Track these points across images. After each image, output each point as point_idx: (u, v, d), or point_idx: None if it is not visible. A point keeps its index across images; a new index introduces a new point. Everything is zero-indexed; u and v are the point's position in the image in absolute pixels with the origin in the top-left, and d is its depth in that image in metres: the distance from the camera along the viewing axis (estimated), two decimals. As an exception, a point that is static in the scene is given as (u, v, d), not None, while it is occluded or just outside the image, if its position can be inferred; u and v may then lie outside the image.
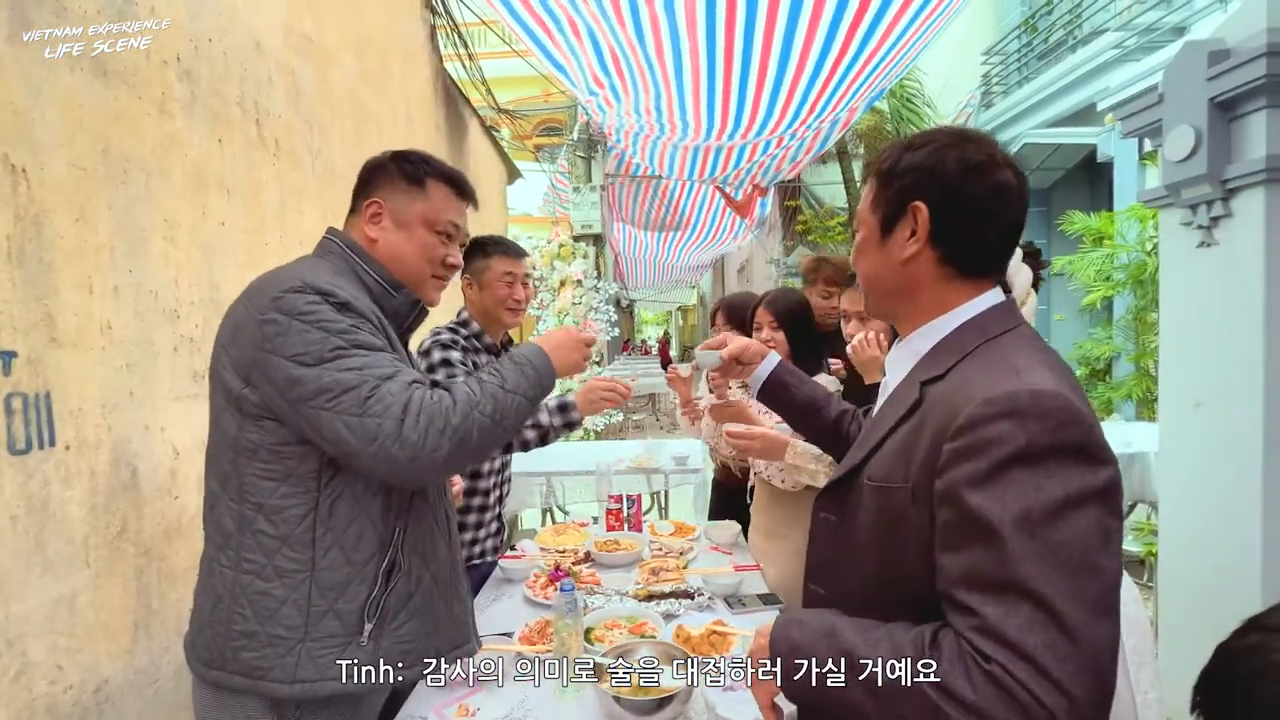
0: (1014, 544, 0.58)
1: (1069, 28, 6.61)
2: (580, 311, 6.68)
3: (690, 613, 1.57)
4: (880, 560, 0.74)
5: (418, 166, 1.10)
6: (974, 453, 0.62)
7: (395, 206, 1.07)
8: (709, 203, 7.52)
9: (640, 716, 1.13)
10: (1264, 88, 1.81)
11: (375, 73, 2.51)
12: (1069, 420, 0.61)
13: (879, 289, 0.83)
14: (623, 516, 2.23)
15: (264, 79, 1.75)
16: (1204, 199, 2.03)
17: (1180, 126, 2.03)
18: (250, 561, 0.96)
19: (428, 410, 0.93)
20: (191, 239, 1.47)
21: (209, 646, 0.98)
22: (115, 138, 1.26)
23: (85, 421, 1.18)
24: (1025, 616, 0.56)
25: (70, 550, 1.15)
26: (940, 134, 0.78)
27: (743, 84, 3.72)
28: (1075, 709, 0.54)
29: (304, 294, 0.93)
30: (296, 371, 0.91)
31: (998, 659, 0.56)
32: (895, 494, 0.71)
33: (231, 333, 0.98)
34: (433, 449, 0.92)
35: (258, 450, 0.95)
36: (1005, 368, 0.67)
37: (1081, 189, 7.13)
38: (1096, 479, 0.60)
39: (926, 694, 0.58)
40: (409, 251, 1.09)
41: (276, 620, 0.96)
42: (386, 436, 0.90)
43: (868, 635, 0.66)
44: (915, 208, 0.75)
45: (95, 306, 1.21)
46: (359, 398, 0.90)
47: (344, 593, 0.98)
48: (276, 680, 0.95)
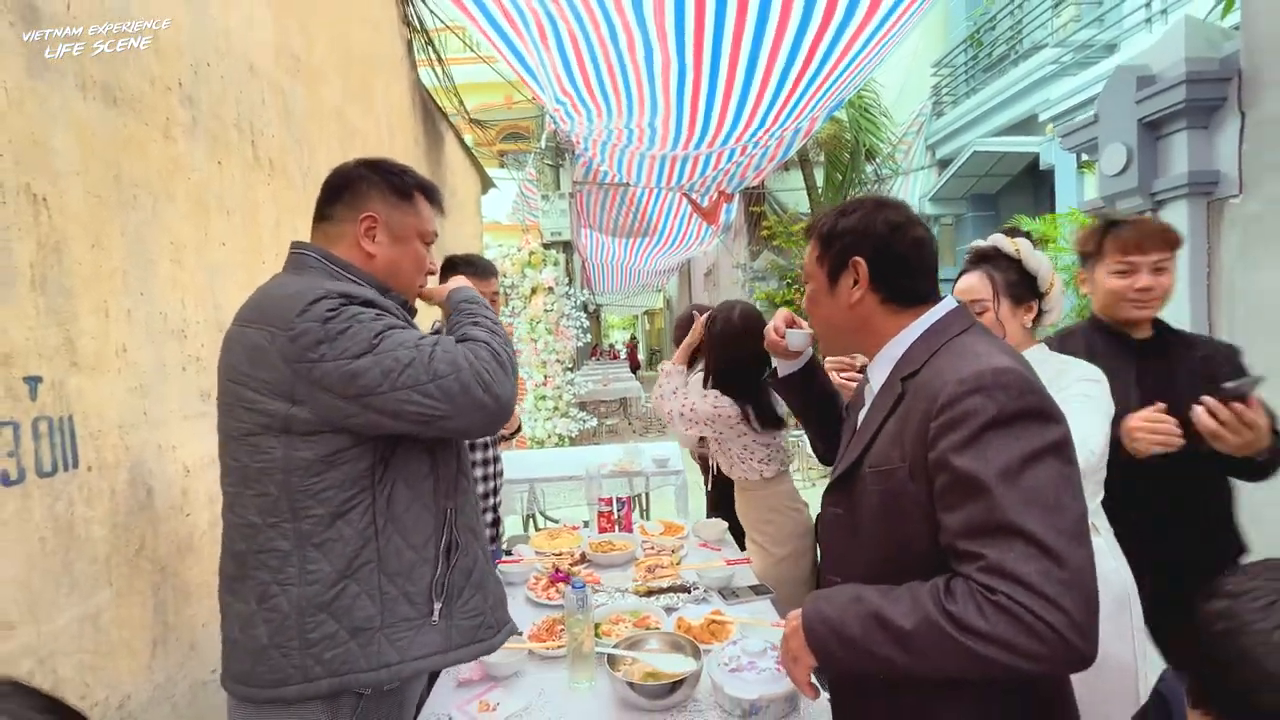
0: (999, 494, 0.70)
1: (1011, 43, 7.01)
2: (552, 318, 6.72)
3: (688, 605, 1.66)
4: (887, 536, 0.85)
5: (404, 179, 1.13)
6: (956, 424, 0.74)
7: (390, 221, 1.10)
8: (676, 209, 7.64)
9: (655, 700, 1.21)
10: (1184, 111, 2.03)
11: (359, 89, 2.54)
12: (1026, 390, 0.75)
13: (836, 330, 0.99)
14: (613, 518, 2.31)
15: (258, 100, 1.78)
16: (1136, 209, 2.24)
17: (1114, 144, 2.24)
18: (315, 571, 0.98)
19: (481, 356, 1.00)
20: (196, 260, 1.49)
21: (276, 669, 0.99)
22: (125, 164, 1.29)
23: (105, 443, 1.20)
24: (1019, 551, 0.67)
25: (94, 569, 1.17)
26: (866, 202, 0.96)
27: (710, 94, 3.84)
28: (1070, 620, 0.65)
29: (326, 300, 0.97)
30: (351, 366, 0.94)
31: (1002, 590, 0.67)
32: (894, 474, 0.83)
33: (250, 358, 0.98)
34: (503, 381, 1.00)
35: (311, 465, 0.97)
36: (969, 355, 0.81)
37: (1026, 193, 7.55)
38: (1054, 434, 0.73)
39: (948, 633, 0.68)
40: (406, 265, 1.13)
41: (353, 615, 0.99)
42: (462, 390, 0.96)
43: (889, 595, 0.76)
44: (855, 262, 0.92)
45: (111, 330, 1.23)
46: (423, 364, 0.95)
47: (410, 576, 1.02)
48: (363, 670, 0.99)
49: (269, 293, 1.04)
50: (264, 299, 1.04)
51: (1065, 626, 0.65)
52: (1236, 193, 1.98)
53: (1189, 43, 2.04)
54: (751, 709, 1.17)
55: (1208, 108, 2.02)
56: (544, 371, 6.64)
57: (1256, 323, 1.96)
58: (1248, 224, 1.96)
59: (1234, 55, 1.96)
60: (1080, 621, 0.65)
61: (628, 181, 6.11)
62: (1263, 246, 1.92)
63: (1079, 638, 0.65)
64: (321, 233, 1.12)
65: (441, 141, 3.85)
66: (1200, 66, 1.98)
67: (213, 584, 1.46)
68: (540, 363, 6.62)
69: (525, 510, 3.73)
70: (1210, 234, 2.08)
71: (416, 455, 1.07)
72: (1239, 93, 1.95)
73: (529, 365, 6.62)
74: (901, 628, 0.71)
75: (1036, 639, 0.65)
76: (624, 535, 2.20)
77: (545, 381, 6.63)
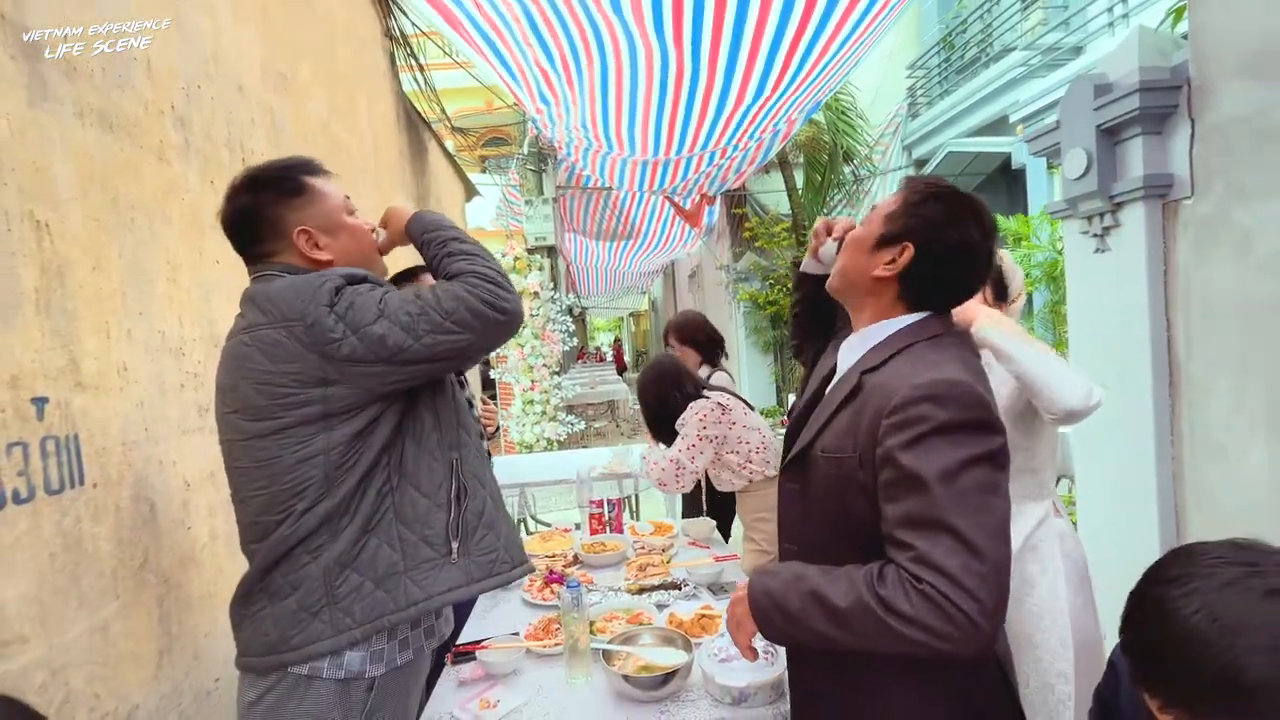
0: (936, 493, 0.78)
1: (982, 45, 7.18)
2: (538, 323, 6.76)
3: (679, 601, 1.73)
4: (834, 514, 0.93)
5: (283, 179, 1.15)
6: (906, 426, 0.82)
7: (314, 221, 1.14)
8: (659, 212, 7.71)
9: (648, 691, 1.28)
10: (1138, 117, 2.13)
11: (344, 105, 2.58)
12: (974, 404, 0.82)
13: (849, 278, 1.01)
14: (605, 520, 2.36)
15: (247, 120, 1.81)
16: (1097, 211, 2.35)
17: (1075, 149, 2.34)
18: (343, 533, 1.06)
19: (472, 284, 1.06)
20: (192, 279, 1.53)
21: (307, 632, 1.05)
22: (123, 187, 1.32)
23: (109, 460, 1.24)
24: (946, 546, 0.76)
25: (101, 583, 1.20)
26: (967, 207, 0.93)
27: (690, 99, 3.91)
28: (983, 610, 0.73)
29: (326, 284, 1.03)
30: (376, 330, 1.01)
31: (927, 579, 0.75)
32: (845, 462, 0.91)
33: (270, 356, 1.03)
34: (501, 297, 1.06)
35: (350, 442, 1.05)
36: (927, 363, 0.88)
37: (1000, 193, 7.73)
38: (990, 445, 0.81)
39: (877, 613, 0.77)
40: (353, 246, 1.18)
41: (376, 566, 1.07)
42: (476, 312, 1.03)
43: (829, 576, 0.84)
44: (905, 247, 0.93)
45: (113, 350, 1.26)
46: (434, 307, 1.03)
47: (426, 521, 1.10)
48: (392, 611, 1.07)
49: (263, 296, 1.08)
50: (261, 302, 1.07)
51: (977, 614, 0.73)
52: (1189, 195, 2.09)
53: (1142, 52, 2.14)
54: (740, 696, 1.24)
55: (1160, 114, 2.11)
56: (531, 376, 6.67)
57: (1209, 317, 2.07)
58: (1199, 225, 2.06)
59: (1184, 64, 2.06)
60: (990, 610, 0.74)
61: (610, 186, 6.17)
62: (1213, 246, 2.02)
63: (987, 624, 0.73)
64: (257, 269, 1.16)
65: (425, 151, 3.88)
66: (1152, 75, 2.08)
67: (214, 595, 1.51)
68: (527, 367, 6.65)
69: (516, 515, 3.78)
70: (1166, 235, 2.18)
71: (420, 413, 1.15)
72: (1189, 100, 2.05)
73: (515, 370, 6.65)
74: (836, 606, 0.80)
75: (951, 623, 0.73)
76: (615, 536, 2.26)
77: (532, 386, 6.66)
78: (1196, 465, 2.14)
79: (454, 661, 1.47)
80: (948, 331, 0.97)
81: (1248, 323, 1.92)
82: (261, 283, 1.13)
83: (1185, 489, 2.19)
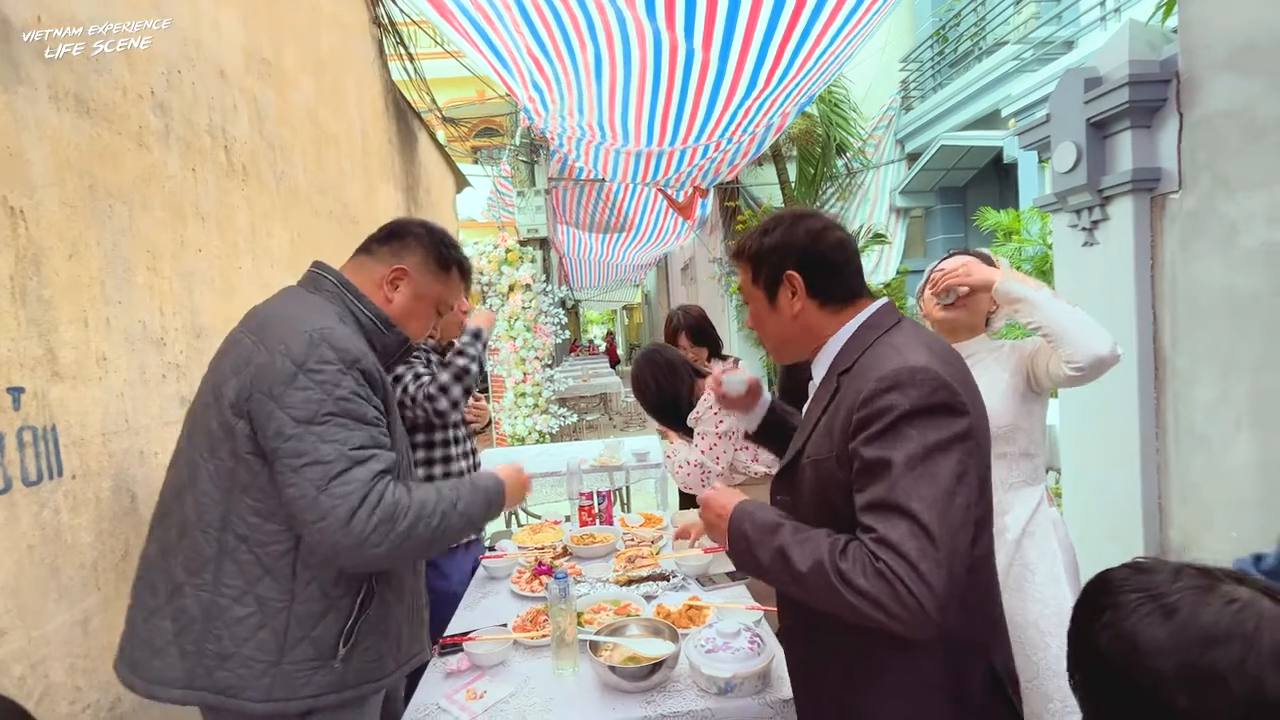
0: (900, 478, 0.80)
1: (975, 39, 7.17)
2: (530, 315, 6.73)
3: (667, 593, 1.73)
4: (820, 517, 0.93)
5: (448, 253, 1.22)
6: (875, 418, 0.84)
7: (419, 281, 1.19)
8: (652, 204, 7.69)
9: (635, 682, 1.28)
10: (1128, 111, 2.13)
11: (331, 92, 2.54)
12: (938, 386, 0.83)
13: (785, 342, 1.05)
14: (594, 512, 2.36)
15: (230, 106, 1.78)
16: (1086, 205, 2.35)
17: (1065, 143, 2.34)
18: (230, 587, 1.01)
19: (384, 508, 0.98)
20: (172, 268, 1.51)
21: (170, 668, 1.02)
22: (100, 174, 1.30)
23: (88, 451, 1.22)
24: (905, 529, 0.78)
25: (82, 575, 1.19)
26: (784, 217, 1.03)
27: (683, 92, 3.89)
28: (933, 592, 0.75)
29: (317, 347, 0.99)
30: (287, 425, 0.96)
31: (884, 559, 0.78)
32: (825, 463, 0.92)
33: (233, 365, 1.02)
34: (374, 545, 0.97)
35: (249, 487, 1.00)
36: (891, 352, 0.89)
37: (992, 186, 7.75)
38: (958, 426, 0.82)
39: (834, 584, 0.80)
40: (414, 323, 1.21)
41: (253, 644, 1.01)
42: (335, 520, 0.95)
43: (799, 537, 0.87)
44: (789, 275, 0.98)
45: (91, 340, 1.25)
46: (326, 474, 0.95)
47: (320, 622, 1.04)
48: (250, 699, 1.01)
49: (280, 306, 1.09)
50: (270, 311, 1.07)
51: (926, 598, 0.75)
52: (1176, 189, 2.09)
53: (1132, 45, 2.14)
54: (726, 686, 1.24)
55: (1149, 108, 2.12)
56: (523, 369, 6.65)
57: (1194, 311, 2.08)
58: (1186, 219, 2.07)
59: (1173, 58, 2.07)
60: (940, 596, 0.75)
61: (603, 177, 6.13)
62: (1199, 240, 2.03)
63: (935, 610, 0.75)
64: (357, 262, 1.19)
65: (415, 141, 3.84)
66: (1142, 69, 2.08)
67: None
68: (519, 360, 6.63)
69: (507, 507, 3.77)
70: (1154, 229, 2.19)
71: None
72: (1178, 94, 2.05)
73: (508, 363, 6.63)
74: (798, 570, 0.84)
75: (900, 604, 0.76)
76: (605, 528, 2.26)
77: (524, 378, 6.64)
78: (1181, 457, 2.16)
79: (441, 653, 1.47)
80: (904, 319, 0.99)
81: (1232, 316, 1.94)
82: (308, 283, 1.15)
83: (1169, 481, 2.21)
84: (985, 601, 0.93)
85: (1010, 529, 1.44)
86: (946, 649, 0.88)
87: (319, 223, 2.32)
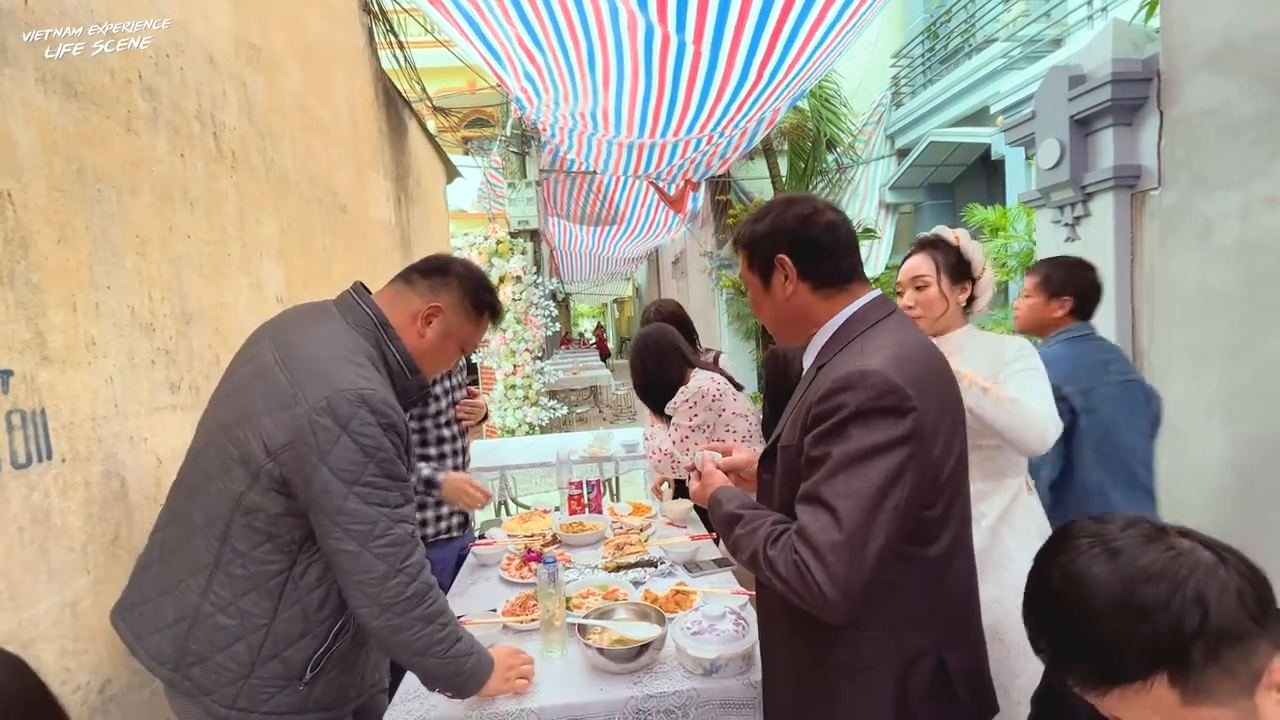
0: (832, 474, 0.85)
1: (965, 35, 7.21)
2: (520, 308, 6.72)
3: (655, 579, 1.76)
4: (788, 502, 0.96)
5: (483, 297, 1.24)
6: (826, 415, 0.88)
7: (451, 319, 1.21)
8: (643, 197, 7.68)
9: (623, 663, 1.30)
10: (1111, 109, 2.17)
11: (320, 80, 2.52)
12: (886, 390, 0.86)
13: (783, 324, 1.08)
14: (584, 501, 2.38)
15: (219, 92, 1.77)
16: (1068, 200, 2.40)
17: (1049, 140, 2.39)
18: (217, 596, 1.06)
19: (423, 581, 1.05)
20: (161, 253, 1.50)
21: (162, 649, 1.08)
22: (89, 158, 1.29)
23: (78, 435, 1.22)
24: (823, 523, 0.84)
25: (71, 558, 1.20)
26: (775, 204, 1.06)
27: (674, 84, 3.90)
28: (835, 584, 0.81)
29: (361, 408, 1.02)
30: (333, 484, 1.01)
31: (799, 551, 0.84)
32: (789, 450, 0.97)
33: (265, 398, 1.05)
34: (395, 613, 1.03)
35: (257, 512, 1.05)
36: (858, 353, 0.92)
37: (980, 182, 7.82)
38: (902, 429, 0.85)
39: (764, 569, 0.90)
40: (438, 361, 1.23)
41: (228, 654, 1.06)
42: (373, 578, 1.01)
43: (748, 528, 0.95)
44: (780, 259, 1.01)
45: (80, 324, 1.24)
46: (370, 534, 1.02)
47: (295, 644, 1.09)
48: (217, 703, 1.06)
49: (311, 342, 1.10)
50: (306, 348, 1.09)
51: (829, 588, 0.82)
52: (1156, 186, 2.14)
53: (1115, 44, 2.18)
54: (712, 667, 1.27)
55: (1131, 106, 2.17)
56: (513, 361, 6.64)
57: (1171, 305, 2.13)
58: (1165, 215, 2.12)
59: (1155, 57, 2.11)
60: (842, 587, 0.82)
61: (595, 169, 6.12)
62: (1177, 235, 2.08)
63: (839, 599, 0.82)
64: (395, 291, 1.21)
65: (405, 130, 3.82)
66: (1124, 68, 2.13)
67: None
68: (509, 352, 6.63)
69: (498, 497, 3.78)
70: (1134, 224, 2.24)
71: None
72: (1158, 93, 2.10)
73: (497, 355, 6.62)
74: (744, 559, 0.95)
75: (809, 591, 0.83)
76: (594, 516, 2.28)
77: (514, 371, 6.64)
78: (1155, 448, 2.22)
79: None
80: (893, 312, 1.01)
81: (1205, 310, 1.99)
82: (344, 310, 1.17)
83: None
84: (939, 598, 0.94)
85: (987, 515, 1.48)
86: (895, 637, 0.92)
87: (308, 210, 2.31)
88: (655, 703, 1.25)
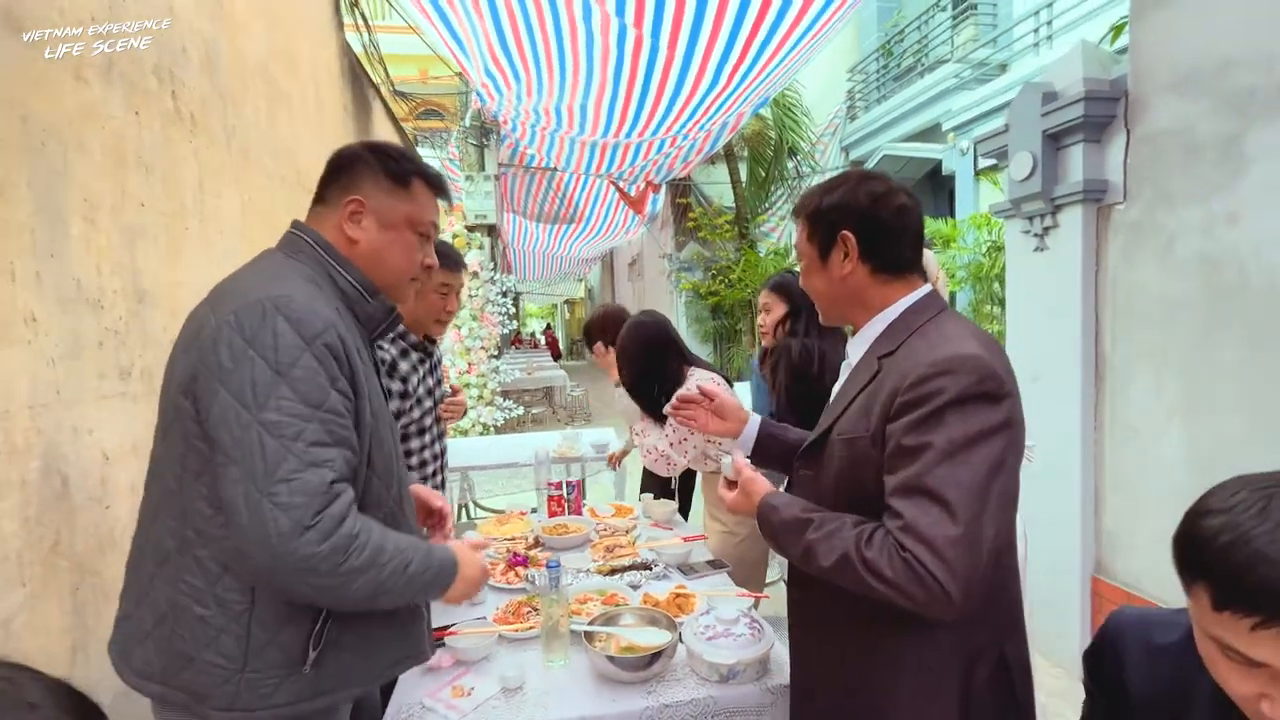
0: (936, 463, 0.80)
1: (917, 56, 7.54)
2: (477, 304, 6.51)
3: (651, 581, 1.70)
4: (848, 497, 0.93)
5: (402, 164, 1.04)
6: (920, 402, 0.84)
7: (379, 205, 1.02)
8: (603, 196, 7.62)
9: (634, 672, 1.23)
10: (1081, 125, 2.27)
11: (284, 48, 2.33)
12: (986, 376, 0.84)
13: (831, 301, 1.04)
14: (564, 501, 2.29)
15: (178, 48, 1.59)
16: (1038, 212, 2.50)
17: (1021, 152, 2.48)
18: (189, 585, 0.90)
19: (342, 535, 0.84)
20: (112, 222, 1.33)
21: (149, 661, 0.92)
22: (34, 104, 1.12)
23: (14, 424, 1.05)
24: (934, 516, 0.79)
25: (5, 569, 1.02)
26: (850, 176, 1.01)
27: (645, 84, 3.87)
28: (956, 579, 0.77)
29: (274, 316, 0.85)
30: (230, 410, 0.83)
31: (909, 547, 0.79)
32: (858, 442, 0.92)
33: (189, 338, 0.90)
34: (322, 573, 0.83)
35: (200, 474, 0.88)
36: (941, 339, 0.89)
37: (929, 197, 8.18)
38: (1001, 415, 0.83)
39: (859, 572, 0.82)
40: (393, 255, 1.04)
41: (215, 649, 0.90)
42: (280, 534, 0.81)
43: (823, 532, 0.88)
44: (844, 236, 0.97)
45: (19, 295, 1.07)
46: (270, 476, 0.81)
47: (287, 625, 0.92)
48: (214, 708, 0.90)
49: (240, 273, 0.96)
50: (231, 283, 0.94)
51: (950, 584, 0.76)
52: (1121, 200, 2.25)
53: (1086, 64, 2.29)
54: (730, 673, 1.22)
55: (1100, 123, 2.27)
56: (468, 359, 6.42)
57: (1133, 313, 2.25)
58: (1129, 228, 2.24)
59: (1123, 78, 2.22)
60: (963, 582, 0.77)
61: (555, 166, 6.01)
62: (1139, 248, 2.20)
63: (960, 595, 0.77)
64: (315, 215, 1.03)
65: (370, 111, 3.62)
66: (1095, 86, 2.23)
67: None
68: (464, 349, 6.40)
69: (458, 500, 3.62)
70: (1099, 237, 2.35)
71: None
72: (1126, 112, 2.21)
73: (452, 353, 6.39)
74: (822, 565, 0.87)
75: (926, 590, 0.77)
76: (576, 518, 2.20)
77: (469, 369, 6.42)
78: (1115, 449, 2.34)
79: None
80: (946, 308, 0.99)
81: (1166, 319, 2.11)
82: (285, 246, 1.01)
83: (1105, 471, 2.39)
84: (1003, 590, 0.94)
85: None
86: (965, 632, 0.89)
87: (272, 186, 2.12)
88: (672, 712, 1.18)
